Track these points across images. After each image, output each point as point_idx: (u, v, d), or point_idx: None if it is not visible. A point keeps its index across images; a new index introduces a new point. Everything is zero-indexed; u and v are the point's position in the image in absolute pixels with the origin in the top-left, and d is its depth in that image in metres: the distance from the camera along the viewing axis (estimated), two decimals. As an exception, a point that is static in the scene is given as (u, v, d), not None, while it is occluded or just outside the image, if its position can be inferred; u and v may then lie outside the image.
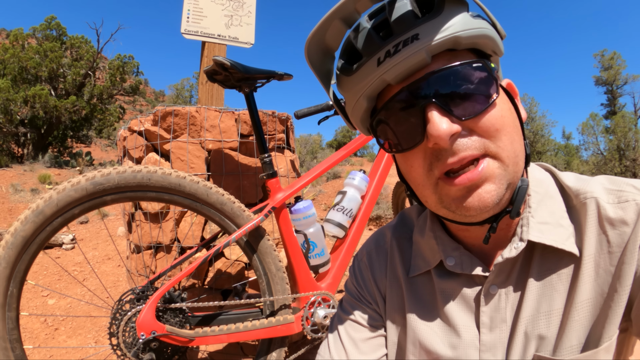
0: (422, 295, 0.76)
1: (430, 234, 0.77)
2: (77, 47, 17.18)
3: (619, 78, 32.59)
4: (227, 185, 2.10)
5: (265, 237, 1.69)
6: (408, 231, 0.85)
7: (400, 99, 0.61)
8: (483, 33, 0.59)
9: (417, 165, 0.63)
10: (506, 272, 0.67)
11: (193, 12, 2.66)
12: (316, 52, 0.68)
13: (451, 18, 0.58)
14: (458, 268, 0.70)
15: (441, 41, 0.57)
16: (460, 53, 0.61)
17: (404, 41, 0.58)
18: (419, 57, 0.58)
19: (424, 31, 0.57)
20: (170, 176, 1.51)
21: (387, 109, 0.63)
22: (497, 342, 0.66)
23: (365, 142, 2.09)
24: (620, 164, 18.41)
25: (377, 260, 0.87)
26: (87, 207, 1.45)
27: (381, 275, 0.85)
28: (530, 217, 0.66)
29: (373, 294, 0.86)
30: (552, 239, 0.63)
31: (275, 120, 2.31)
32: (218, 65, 1.64)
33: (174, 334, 1.50)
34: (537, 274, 0.65)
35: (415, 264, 0.78)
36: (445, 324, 0.71)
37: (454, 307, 0.71)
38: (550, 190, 0.69)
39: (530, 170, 0.71)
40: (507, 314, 0.66)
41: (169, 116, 2.08)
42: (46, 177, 10.32)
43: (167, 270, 1.67)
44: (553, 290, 0.63)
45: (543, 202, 0.67)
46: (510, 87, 0.68)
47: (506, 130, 0.60)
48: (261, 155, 1.75)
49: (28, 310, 3.25)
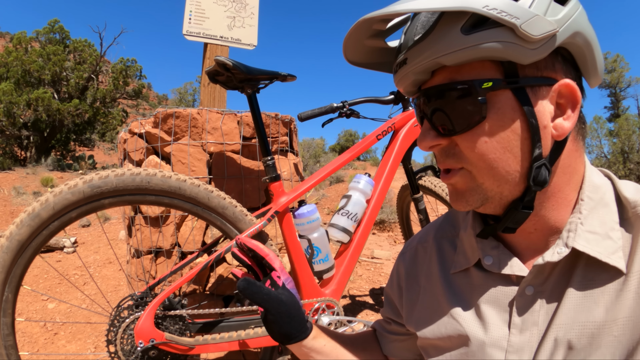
0: (459, 291, 0.75)
1: (471, 231, 0.76)
2: (80, 51, 17.26)
3: (622, 81, 32.52)
4: (229, 189, 2.06)
5: (268, 242, 1.65)
6: (451, 230, 0.84)
7: (415, 104, 0.69)
8: (469, 53, 0.57)
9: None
10: (545, 275, 0.65)
11: (195, 13, 2.63)
12: (363, 53, 0.75)
13: (439, 39, 0.59)
14: (496, 267, 0.69)
15: (423, 65, 0.61)
16: (469, 65, 0.60)
17: (399, 63, 0.65)
18: (409, 79, 0.65)
19: (411, 55, 0.62)
20: (170, 179, 1.47)
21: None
22: (525, 344, 0.64)
23: (370, 145, 2.05)
24: (624, 167, 18.31)
25: (415, 260, 0.90)
26: (85, 211, 1.41)
27: (418, 273, 0.87)
28: (579, 225, 0.63)
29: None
30: (597, 251, 0.60)
31: (279, 123, 2.27)
32: (220, 65, 1.60)
33: (173, 341, 1.45)
34: (579, 283, 0.62)
35: (457, 261, 0.78)
36: (477, 319, 0.70)
37: (487, 305, 0.69)
38: (605, 198, 0.65)
39: (588, 173, 0.67)
40: (540, 317, 0.64)
41: (169, 118, 2.04)
42: (49, 180, 10.32)
43: (167, 276, 1.62)
44: (593, 302, 0.60)
45: (595, 210, 0.64)
46: (564, 93, 0.60)
47: (488, 155, 0.61)
48: (264, 158, 1.71)
49: (27, 314, 3.21)
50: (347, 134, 35.93)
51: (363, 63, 0.76)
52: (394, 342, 0.95)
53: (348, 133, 36.00)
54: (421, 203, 2.45)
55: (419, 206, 2.46)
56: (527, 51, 0.56)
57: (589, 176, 0.67)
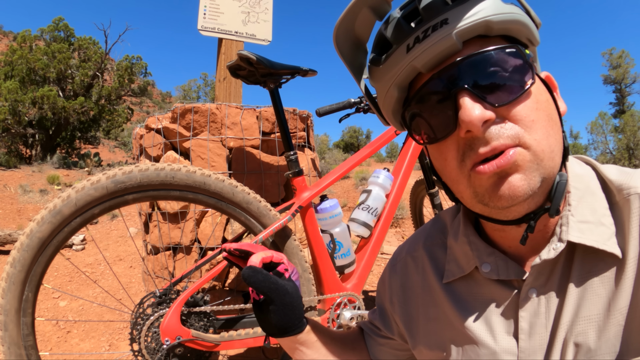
0: (462, 299, 0.73)
1: (463, 239, 0.74)
2: (85, 49, 17.25)
3: (628, 77, 32.32)
4: (249, 184, 2.04)
5: (292, 237, 1.63)
6: (441, 236, 0.82)
7: (432, 87, 0.60)
8: (515, 18, 0.57)
9: (450, 157, 0.61)
10: (545, 275, 0.63)
11: (210, 8, 2.61)
12: (345, 41, 0.67)
13: (481, 2, 0.56)
14: (494, 274, 0.67)
15: (471, 25, 0.56)
16: (492, 40, 0.59)
17: (433, 26, 0.57)
18: (448, 41, 0.56)
19: (454, 15, 0.56)
20: (195, 174, 1.45)
21: (418, 98, 0.62)
22: (536, 348, 0.62)
23: (389, 140, 2.03)
24: (629, 163, 18.27)
25: (406, 271, 0.87)
26: (108, 207, 1.39)
27: (411, 285, 0.84)
28: (570, 216, 0.61)
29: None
30: (593, 239, 0.59)
31: (297, 118, 2.25)
32: (243, 59, 1.58)
33: (199, 338, 1.44)
34: (579, 277, 0.60)
35: (450, 270, 0.75)
36: (486, 328, 0.68)
37: (491, 312, 0.68)
38: (591, 186, 0.64)
39: (569, 164, 0.66)
40: (546, 319, 0.62)
41: (188, 113, 2.02)
42: (55, 178, 10.33)
43: (190, 272, 1.61)
44: (594, 294, 0.59)
45: (584, 199, 0.63)
46: (549, 79, 0.66)
47: (542, 122, 0.57)
48: (287, 153, 1.69)
49: (39, 312, 3.20)
50: (351, 130, 35.82)
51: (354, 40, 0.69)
52: (382, 347, 0.94)
53: (352, 129, 35.87)
54: (437, 198, 2.44)
55: (434, 201, 2.44)
56: (537, 34, 0.61)
57: (570, 166, 0.66)
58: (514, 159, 0.55)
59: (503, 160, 0.55)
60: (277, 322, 0.79)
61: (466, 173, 0.59)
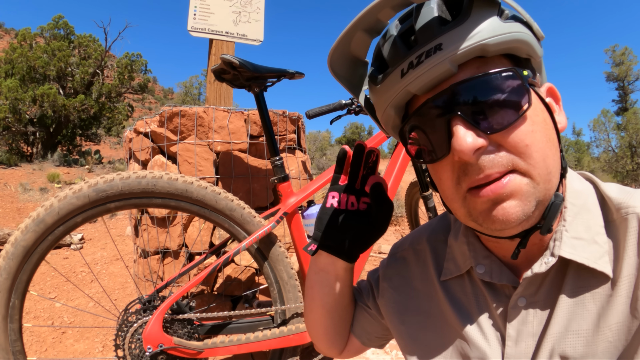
0: (456, 297, 0.74)
1: (463, 239, 0.74)
2: (85, 46, 17.26)
3: (631, 74, 32.18)
4: (237, 189, 2.03)
5: (277, 244, 1.62)
6: (445, 234, 0.82)
7: (425, 111, 0.59)
8: (515, 38, 0.56)
9: (445, 178, 0.61)
10: (536, 286, 0.64)
11: (200, 9, 2.59)
12: (342, 62, 0.67)
13: (479, 24, 0.54)
14: (487, 276, 0.68)
15: (466, 50, 0.54)
16: (491, 59, 0.57)
17: (427, 52, 0.56)
18: (442, 68, 0.55)
19: (449, 40, 0.55)
20: (177, 182, 1.44)
21: (413, 120, 0.62)
22: (521, 356, 0.62)
23: (382, 141, 2.01)
24: (632, 161, 18.18)
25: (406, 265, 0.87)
26: (90, 215, 1.40)
27: (410, 277, 0.84)
28: (564, 232, 0.62)
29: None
30: (584, 257, 0.59)
31: (286, 120, 2.24)
32: (226, 64, 1.56)
33: (182, 346, 1.43)
34: (570, 291, 0.61)
35: (447, 268, 0.76)
36: (477, 329, 0.69)
37: (482, 315, 0.69)
38: (588, 203, 0.64)
39: (568, 180, 0.66)
40: (534, 328, 0.63)
41: (175, 117, 2.01)
42: (55, 176, 10.36)
43: (175, 279, 1.60)
44: (584, 309, 0.59)
45: (579, 215, 0.63)
46: (552, 92, 0.65)
47: (538, 144, 0.56)
48: (272, 158, 1.67)
49: (35, 313, 3.22)
50: (354, 127, 35.83)
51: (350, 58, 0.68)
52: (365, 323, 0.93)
53: (354, 126, 35.88)
54: (430, 201, 2.42)
55: (428, 204, 2.43)
56: (539, 47, 0.60)
57: (569, 182, 0.66)
58: (509, 188, 0.55)
59: (498, 188, 0.55)
60: (360, 237, 0.78)
61: (462, 194, 0.59)
